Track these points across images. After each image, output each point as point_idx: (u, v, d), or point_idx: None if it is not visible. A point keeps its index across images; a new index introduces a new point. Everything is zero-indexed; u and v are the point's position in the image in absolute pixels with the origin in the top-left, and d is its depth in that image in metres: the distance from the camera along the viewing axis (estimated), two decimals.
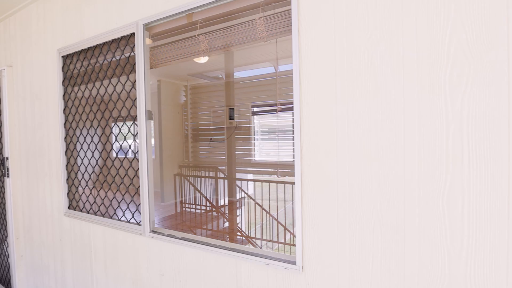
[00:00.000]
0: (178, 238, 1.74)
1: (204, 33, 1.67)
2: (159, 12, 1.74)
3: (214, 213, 4.57)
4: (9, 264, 2.98)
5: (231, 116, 4.83)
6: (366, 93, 1.17)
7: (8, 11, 2.82)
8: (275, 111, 4.40)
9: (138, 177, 1.86)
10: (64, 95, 2.31)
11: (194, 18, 1.69)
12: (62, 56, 2.31)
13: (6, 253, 3.01)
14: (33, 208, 2.74)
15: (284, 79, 4.31)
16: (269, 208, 4.21)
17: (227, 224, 4.46)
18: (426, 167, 1.07)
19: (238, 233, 4.22)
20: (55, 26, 2.38)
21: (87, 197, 2.24)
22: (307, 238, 1.32)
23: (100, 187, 2.16)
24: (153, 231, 1.85)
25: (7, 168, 2.82)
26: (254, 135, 4.91)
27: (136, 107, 1.85)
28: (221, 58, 4.38)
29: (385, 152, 1.14)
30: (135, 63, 1.85)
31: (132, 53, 1.88)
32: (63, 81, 2.31)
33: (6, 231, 2.97)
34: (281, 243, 4.05)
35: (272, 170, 4.66)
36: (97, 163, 2.19)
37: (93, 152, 2.17)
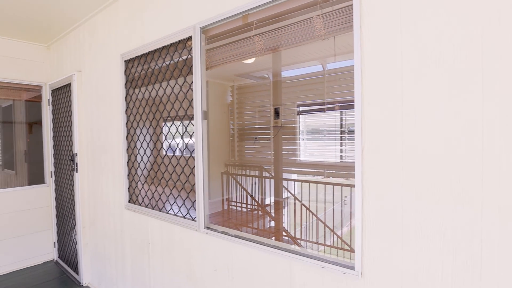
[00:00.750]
0: (231, 235, 1.78)
1: (260, 34, 1.68)
2: (215, 15, 1.79)
3: (259, 212, 4.60)
4: (76, 250, 3.29)
5: (277, 115, 4.83)
6: (436, 92, 1.08)
7: (78, 22, 3.11)
8: (322, 110, 4.30)
9: (194, 175, 1.93)
10: (126, 97, 2.49)
11: (249, 19, 1.71)
12: (125, 61, 2.48)
13: (75, 240, 3.33)
14: (98, 200, 2.99)
15: (332, 77, 4.20)
16: (317, 211, 4.12)
17: (271, 223, 4.46)
18: (506, 172, 0.96)
19: (284, 234, 4.21)
20: (119, 33, 2.57)
21: (146, 192, 2.38)
22: (368, 243, 1.26)
23: (158, 183, 2.28)
24: (207, 227, 1.91)
25: (76, 164, 3.12)
26: (299, 134, 4.85)
27: (192, 107, 1.92)
28: (268, 58, 4.39)
29: (456, 154, 1.05)
30: (192, 65, 1.92)
31: (189, 56, 1.96)
32: (125, 83, 2.49)
33: (75, 220, 3.28)
34: (329, 246, 3.96)
35: (317, 170, 4.56)
36: (155, 161, 2.32)
37: (152, 150, 2.30)
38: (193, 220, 1.97)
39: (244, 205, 4.61)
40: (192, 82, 1.92)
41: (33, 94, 4.06)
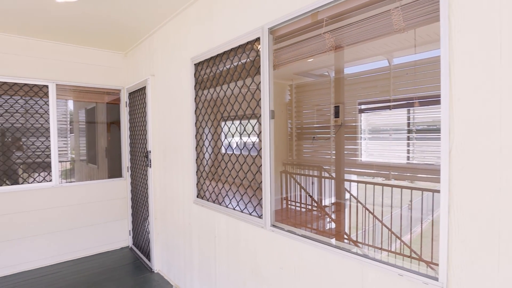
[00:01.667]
0: (298, 234, 1.77)
1: (330, 31, 1.65)
2: (284, 15, 1.79)
3: (317, 213, 4.51)
4: (149, 239, 3.60)
5: (337, 114, 4.68)
6: None
7: (151, 31, 3.38)
8: (387, 108, 4.05)
9: (260, 173, 1.97)
10: (195, 98, 2.64)
11: (319, 16, 1.68)
12: (195, 64, 2.63)
13: (147, 230, 3.64)
14: (168, 194, 3.23)
15: (399, 73, 3.93)
16: (382, 215, 3.91)
17: (331, 225, 4.34)
18: None
19: (345, 237, 4.07)
20: (189, 38, 2.74)
21: (213, 188, 2.50)
22: (454, 253, 1.16)
23: (225, 180, 2.38)
24: (274, 225, 1.93)
25: (150, 160, 3.40)
26: (360, 134, 4.64)
27: (260, 107, 1.96)
28: (329, 55, 4.28)
29: None
30: (260, 66, 1.96)
31: (257, 56, 2.00)
32: (195, 85, 2.64)
33: (148, 212, 3.59)
34: (397, 253, 3.72)
35: (379, 172, 4.31)
36: (222, 158, 2.42)
37: (219, 148, 2.41)
38: (259, 217, 2.02)
39: (302, 205, 4.57)
40: (260, 82, 1.95)
41: (113, 97, 4.54)
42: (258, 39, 1.99)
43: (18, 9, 2.79)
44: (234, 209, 2.25)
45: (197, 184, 2.68)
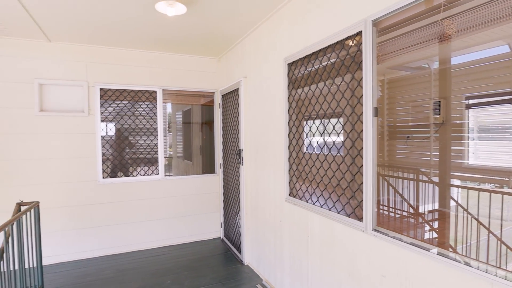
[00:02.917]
0: (405, 242, 1.64)
1: (450, 16, 1.47)
2: (391, 5, 1.67)
3: (414, 220, 4.10)
4: (240, 232, 3.80)
5: (437, 110, 4.17)
6: None
7: (244, 35, 3.56)
8: (510, 102, 3.43)
9: (361, 174, 1.88)
10: (288, 97, 2.67)
11: (434, 1, 1.52)
12: (288, 64, 2.66)
13: (238, 224, 3.85)
14: (259, 191, 3.35)
15: None
16: (501, 230, 3.34)
17: (431, 234, 3.90)
18: None
19: (450, 250, 3.60)
20: (281, 40, 2.79)
21: (307, 187, 2.49)
22: None
23: (319, 180, 2.35)
24: (376, 230, 1.82)
25: (242, 158, 3.59)
26: (468, 133, 4.05)
27: (361, 104, 1.87)
28: (432, 45, 3.84)
29: None
30: (361, 61, 1.87)
31: (358, 51, 1.91)
32: (288, 85, 2.67)
33: (239, 207, 3.79)
34: None
35: (493, 178, 3.68)
36: (317, 157, 2.39)
37: (313, 147, 2.39)
38: (359, 220, 1.93)
39: (394, 210, 4.22)
40: (361, 78, 1.87)
41: (207, 99, 4.94)
42: (359, 33, 1.90)
43: (135, 26, 3.26)
44: (329, 209, 2.20)
45: (289, 182, 2.71)
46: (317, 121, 2.38)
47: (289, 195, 2.72)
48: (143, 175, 4.30)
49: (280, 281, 2.93)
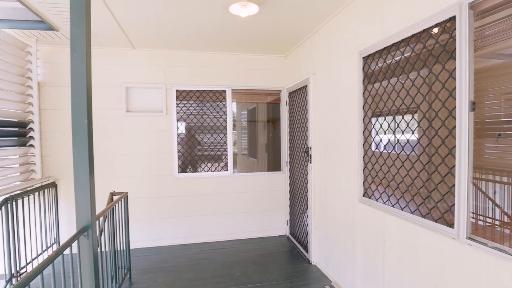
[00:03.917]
0: (510, 254, 1.42)
1: None
2: None
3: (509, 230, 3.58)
4: (307, 231, 3.76)
5: None
6: None
7: (312, 31, 3.49)
8: None
9: (453, 175, 1.70)
10: (363, 92, 2.54)
11: None
12: (363, 57, 2.53)
13: (306, 222, 3.81)
14: (328, 190, 3.26)
15: None
16: None
17: None
18: None
19: None
20: (356, 32, 2.66)
21: (385, 188, 2.35)
22: None
23: (400, 180, 2.19)
24: (470, 238, 1.62)
25: (310, 156, 3.54)
26: None
27: (454, 98, 1.69)
28: None
29: None
30: (453, 50, 1.68)
31: (450, 39, 1.72)
32: (363, 79, 2.54)
33: (307, 205, 3.75)
34: None
35: None
36: (397, 157, 2.23)
37: (394, 146, 2.23)
38: (450, 226, 1.74)
39: (484, 217, 3.72)
40: (454, 69, 1.68)
41: (273, 97, 4.98)
42: (451, 19, 1.71)
43: (209, 30, 3.43)
44: (411, 212, 2.04)
45: (364, 182, 2.58)
46: (398, 117, 2.21)
47: (363, 195, 2.59)
48: (214, 171, 4.52)
49: (351, 284, 2.81)
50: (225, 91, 4.48)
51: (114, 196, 3.28)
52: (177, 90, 4.33)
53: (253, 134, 6.55)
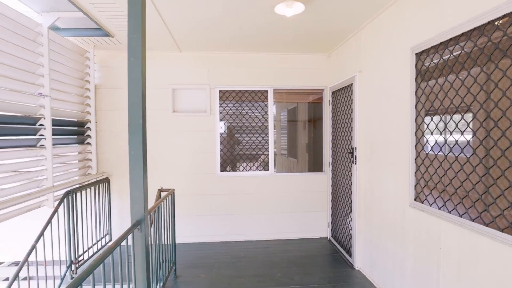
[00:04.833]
0: None
1: None
2: None
3: None
4: (351, 235, 3.64)
5: None
6: None
7: (359, 27, 3.37)
8: None
9: None
10: (416, 91, 2.40)
11: None
12: (416, 53, 2.39)
13: (349, 225, 3.69)
14: (375, 193, 3.13)
15: None
16: None
17: None
18: None
19: None
20: (407, 28, 2.51)
21: (440, 193, 2.19)
22: None
23: (458, 185, 2.02)
24: None
25: (355, 157, 3.42)
26: None
27: None
28: None
29: None
30: None
31: None
32: (416, 77, 2.40)
33: (350, 208, 3.63)
34: None
35: None
36: (455, 159, 2.07)
37: (451, 147, 2.07)
38: None
39: None
40: None
41: (315, 97, 4.90)
42: None
43: (253, 31, 3.46)
44: (473, 220, 1.87)
45: (416, 186, 2.44)
46: (455, 117, 2.05)
47: (415, 199, 2.44)
48: (255, 170, 4.56)
49: None
50: (267, 91, 4.49)
51: (162, 192, 3.44)
52: (220, 91, 4.44)
53: (293, 134, 6.49)
